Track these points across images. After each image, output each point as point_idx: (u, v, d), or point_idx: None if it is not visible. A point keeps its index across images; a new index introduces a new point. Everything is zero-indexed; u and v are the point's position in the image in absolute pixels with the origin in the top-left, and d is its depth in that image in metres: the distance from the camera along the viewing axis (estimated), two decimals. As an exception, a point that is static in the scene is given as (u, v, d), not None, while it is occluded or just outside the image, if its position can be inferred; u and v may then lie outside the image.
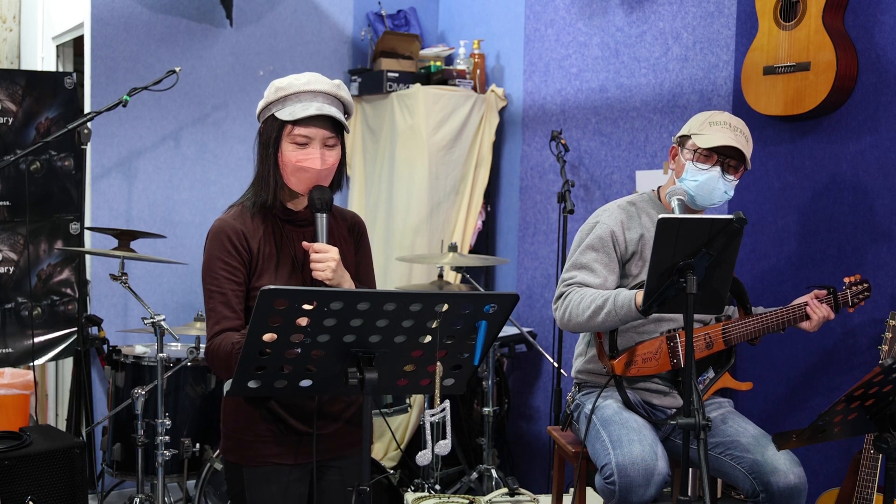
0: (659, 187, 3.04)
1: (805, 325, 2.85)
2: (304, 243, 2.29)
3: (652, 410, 2.93)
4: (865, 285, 2.91)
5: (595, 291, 2.80)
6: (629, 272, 2.91)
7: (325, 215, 2.28)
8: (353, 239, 2.44)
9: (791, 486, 2.65)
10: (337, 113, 2.26)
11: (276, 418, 2.30)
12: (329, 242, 2.28)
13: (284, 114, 2.25)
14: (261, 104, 2.32)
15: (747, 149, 2.84)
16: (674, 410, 2.91)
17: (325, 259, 2.23)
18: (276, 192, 2.31)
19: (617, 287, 2.89)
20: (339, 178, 2.36)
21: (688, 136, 2.88)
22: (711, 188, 2.83)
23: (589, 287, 2.85)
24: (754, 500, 2.71)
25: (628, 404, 2.85)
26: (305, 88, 2.26)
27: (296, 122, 2.24)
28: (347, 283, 2.28)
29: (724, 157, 2.82)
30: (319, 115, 2.24)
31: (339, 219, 2.43)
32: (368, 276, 2.48)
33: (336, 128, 2.29)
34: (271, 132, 2.28)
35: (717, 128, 2.82)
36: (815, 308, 2.82)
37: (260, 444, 2.30)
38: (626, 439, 2.67)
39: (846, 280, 2.91)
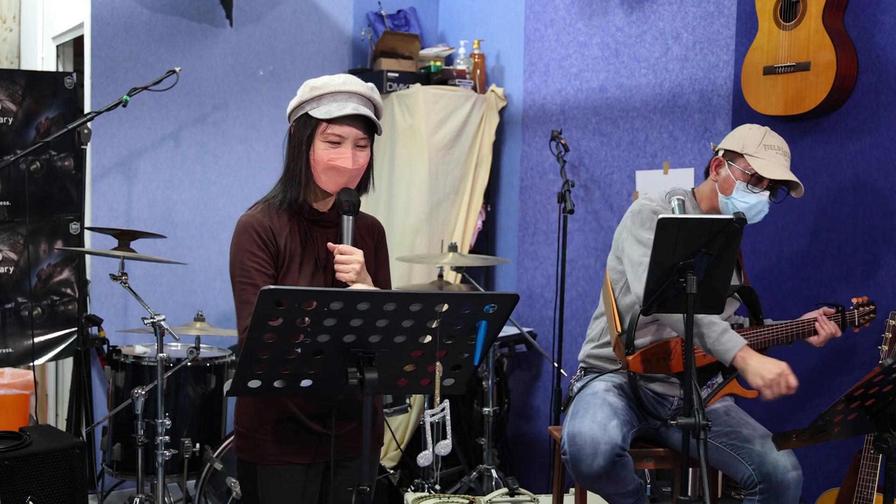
0: (693, 189, 3.07)
1: (813, 339, 2.98)
2: (330, 244, 2.31)
3: (655, 398, 2.97)
4: (871, 307, 3.04)
5: (717, 320, 2.78)
6: None
7: (351, 218, 2.30)
8: (373, 242, 2.47)
9: (790, 480, 2.71)
10: (371, 114, 2.29)
11: (291, 418, 2.30)
12: (352, 245, 2.30)
13: (320, 112, 2.26)
14: (293, 103, 2.33)
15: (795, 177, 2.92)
16: (674, 398, 2.96)
17: (350, 261, 2.25)
18: (305, 189, 2.33)
19: None
20: (366, 180, 2.39)
21: (740, 154, 2.89)
22: (759, 211, 2.92)
23: None
24: (751, 491, 2.76)
25: (637, 396, 2.88)
26: (341, 89, 2.28)
27: (331, 121, 2.26)
28: (369, 286, 2.30)
29: (775, 182, 2.90)
30: (355, 114, 2.26)
31: (359, 222, 2.44)
32: (386, 279, 2.50)
33: (368, 129, 2.31)
34: (304, 130, 2.30)
35: (772, 153, 2.88)
36: (824, 324, 2.96)
37: (274, 443, 2.30)
38: (583, 412, 2.78)
39: (854, 301, 3.03)
